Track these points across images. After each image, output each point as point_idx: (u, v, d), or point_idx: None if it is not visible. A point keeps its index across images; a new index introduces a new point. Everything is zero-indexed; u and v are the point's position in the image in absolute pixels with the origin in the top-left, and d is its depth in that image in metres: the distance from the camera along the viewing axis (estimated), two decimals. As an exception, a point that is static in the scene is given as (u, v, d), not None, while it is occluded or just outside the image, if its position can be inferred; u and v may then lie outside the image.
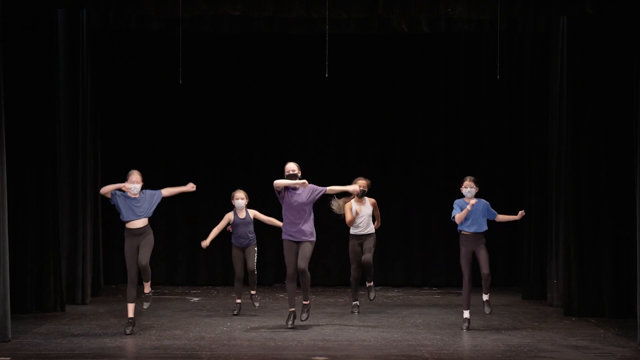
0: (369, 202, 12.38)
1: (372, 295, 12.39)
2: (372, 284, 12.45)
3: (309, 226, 11.12)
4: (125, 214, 10.78)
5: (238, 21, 13.50)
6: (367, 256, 12.25)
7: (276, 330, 11.11)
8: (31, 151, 12.17)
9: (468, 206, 11.13)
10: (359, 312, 12.45)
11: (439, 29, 13.64)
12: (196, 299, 14.08)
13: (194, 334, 10.78)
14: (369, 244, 12.32)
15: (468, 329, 11.16)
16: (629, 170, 11.55)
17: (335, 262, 15.65)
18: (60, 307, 12.42)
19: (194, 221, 15.63)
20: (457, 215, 11.17)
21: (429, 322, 11.79)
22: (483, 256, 11.20)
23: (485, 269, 11.20)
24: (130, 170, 10.92)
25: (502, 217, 11.46)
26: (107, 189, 10.77)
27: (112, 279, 15.34)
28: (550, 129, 13.59)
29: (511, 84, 15.55)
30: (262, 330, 11.14)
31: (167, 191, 11.04)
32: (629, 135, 11.60)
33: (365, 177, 12.39)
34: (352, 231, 12.35)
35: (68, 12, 13.05)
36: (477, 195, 11.31)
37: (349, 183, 12.15)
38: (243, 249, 12.24)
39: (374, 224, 12.50)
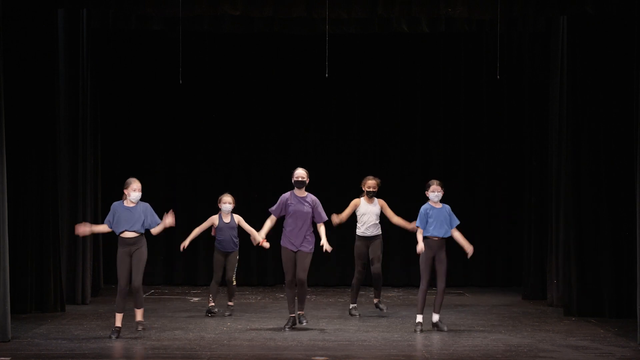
0: (377, 202, 12.26)
1: (384, 308, 12.29)
2: (379, 300, 12.34)
3: (309, 236, 11.11)
4: (118, 225, 10.43)
5: (238, 21, 13.50)
6: (377, 267, 12.10)
7: (276, 330, 11.11)
8: (31, 151, 12.16)
9: (418, 249, 10.97)
10: (360, 315, 12.28)
11: (439, 29, 13.65)
12: (196, 299, 14.08)
13: (194, 334, 10.78)
14: (377, 251, 12.15)
15: (422, 331, 11.02)
16: (629, 170, 11.54)
17: (335, 263, 15.65)
18: (60, 307, 12.42)
19: (194, 220, 15.57)
20: (417, 225, 11.07)
21: (429, 322, 11.78)
22: (443, 268, 11.04)
23: (442, 282, 11.08)
24: (129, 177, 10.60)
25: (457, 235, 11.17)
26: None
27: (112, 279, 15.31)
28: (550, 128, 13.60)
29: (511, 84, 15.55)
30: (262, 330, 11.14)
31: (156, 230, 10.68)
32: (629, 135, 11.60)
33: (375, 176, 12.31)
34: (359, 232, 12.23)
35: (68, 12, 13.05)
36: (443, 199, 11.21)
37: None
38: (225, 255, 12.18)
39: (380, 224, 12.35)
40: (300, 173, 11.11)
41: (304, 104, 15.76)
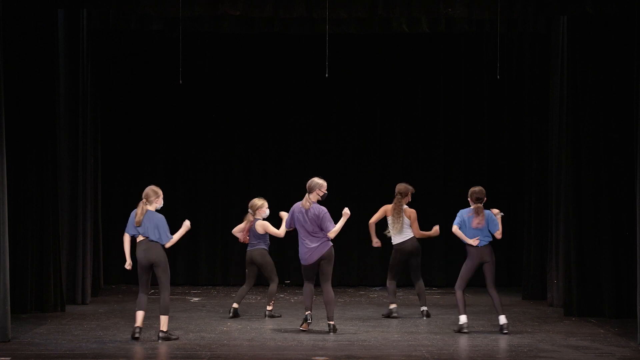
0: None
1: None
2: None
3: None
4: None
5: (238, 21, 13.49)
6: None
7: (276, 330, 11.11)
8: (31, 151, 12.16)
9: (472, 242, 11.04)
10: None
11: (439, 29, 13.64)
12: (196, 299, 14.08)
13: (194, 334, 10.78)
14: None
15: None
16: (629, 171, 11.54)
17: (338, 264, 15.63)
18: (60, 307, 12.42)
19: (195, 221, 15.57)
20: (455, 230, 11.06)
21: (429, 322, 11.79)
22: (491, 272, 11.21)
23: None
24: (150, 184, 10.81)
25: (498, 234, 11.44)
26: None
27: (112, 279, 15.34)
28: (550, 129, 13.60)
29: (511, 84, 15.55)
30: (262, 330, 11.14)
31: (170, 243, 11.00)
32: (629, 135, 11.59)
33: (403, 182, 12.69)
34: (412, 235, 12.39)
35: (68, 12, 13.04)
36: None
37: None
38: None
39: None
40: (324, 185, 10.96)
41: (304, 104, 15.75)
